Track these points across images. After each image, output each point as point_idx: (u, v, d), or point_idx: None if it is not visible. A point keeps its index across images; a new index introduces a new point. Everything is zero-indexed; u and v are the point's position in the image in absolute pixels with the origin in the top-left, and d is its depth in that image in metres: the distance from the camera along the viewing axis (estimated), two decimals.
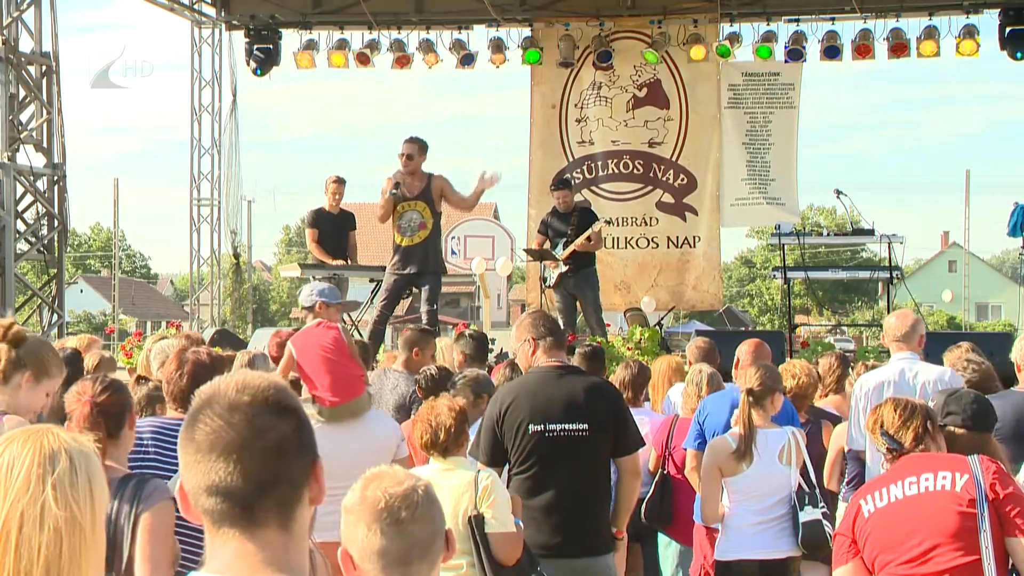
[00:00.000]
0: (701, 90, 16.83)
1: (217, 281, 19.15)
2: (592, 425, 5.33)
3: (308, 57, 17.31)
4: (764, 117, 16.69)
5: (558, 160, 17.11)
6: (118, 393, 4.08)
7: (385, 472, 2.63)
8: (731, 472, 5.80)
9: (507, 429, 5.42)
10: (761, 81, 16.71)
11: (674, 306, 17.52)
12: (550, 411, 5.35)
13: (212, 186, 18.62)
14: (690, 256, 16.87)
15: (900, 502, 4.07)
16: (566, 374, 5.47)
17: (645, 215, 16.83)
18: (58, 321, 15.42)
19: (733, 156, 16.71)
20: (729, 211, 16.80)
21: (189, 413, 2.04)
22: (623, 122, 16.96)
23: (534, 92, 17.36)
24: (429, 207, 11.34)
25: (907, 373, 6.30)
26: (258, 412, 2.00)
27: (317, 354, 6.21)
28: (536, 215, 17.00)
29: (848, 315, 58.22)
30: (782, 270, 13.78)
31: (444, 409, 5.17)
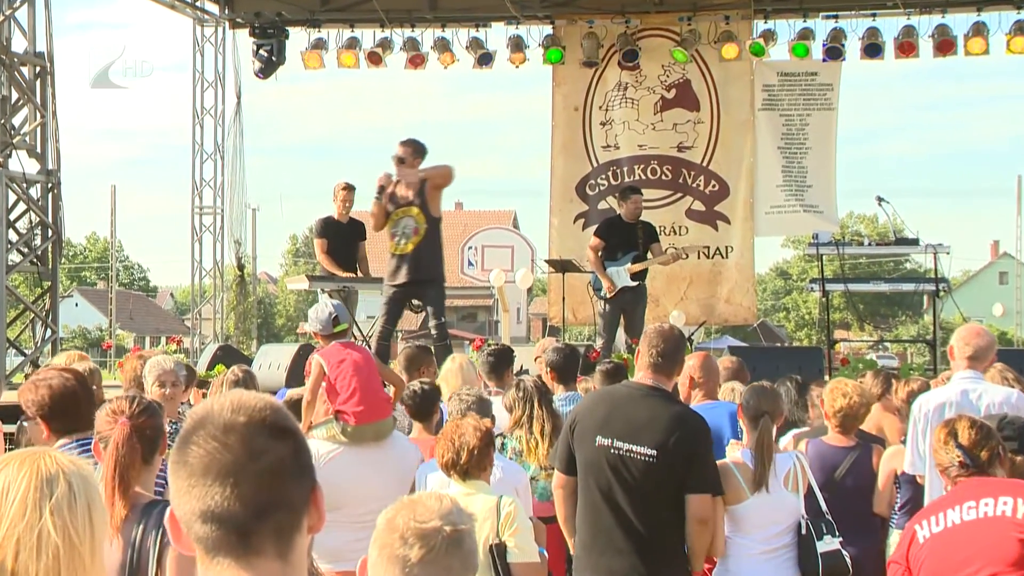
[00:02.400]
0: (733, 91, 16.82)
1: (220, 294, 19.20)
2: (662, 453, 5.26)
3: (316, 57, 17.37)
4: (801, 119, 16.67)
5: (581, 165, 17.12)
6: (155, 415, 4.06)
7: (419, 501, 2.61)
8: (735, 500, 5.76)
9: (577, 437, 5.46)
10: (797, 81, 16.69)
11: (705, 320, 17.50)
12: (622, 428, 5.34)
13: (215, 193, 18.68)
14: (722, 267, 16.84)
15: (957, 527, 4.05)
16: (653, 396, 5.43)
17: (674, 224, 16.82)
18: (52, 336, 15.46)
19: (768, 161, 16.69)
20: (763, 219, 16.77)
21: (180, 435, 2.03)
22: (650, 125, 16.96)
23: (556, 93, 17.38)
24: (423, 211, 10.98)
25: (970, 394, 6.23)
26: (255, 433, 1.99)
27: (349, 370, 6.26)
28: (559, 223, 17.04)
29: (891, 330, 58.03)
30: (820, 282, 13.74)
31: (469, 428, 5.17)
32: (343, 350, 6.40)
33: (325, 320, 6.54)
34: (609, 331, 13.13)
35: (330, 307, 6.60)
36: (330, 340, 6.54)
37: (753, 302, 17.35)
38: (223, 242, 18.83)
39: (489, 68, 17.21)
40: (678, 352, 5.56)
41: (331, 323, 6.51)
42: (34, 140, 15.26)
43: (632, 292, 13.01)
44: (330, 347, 6.57)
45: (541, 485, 6.64)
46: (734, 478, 5.72)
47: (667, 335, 5.53)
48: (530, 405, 6.72)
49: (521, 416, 6.74)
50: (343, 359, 6.33)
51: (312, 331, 6.81)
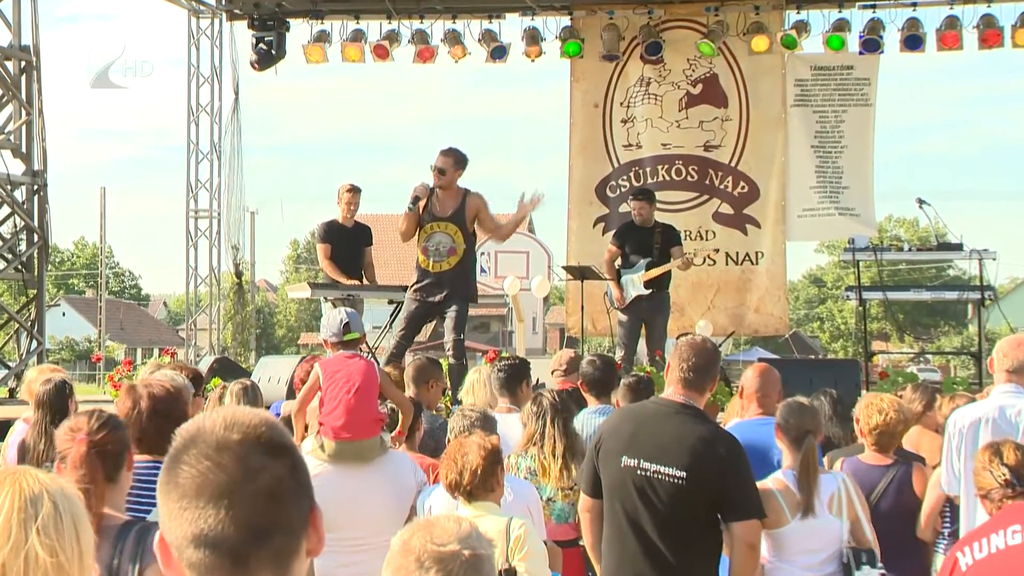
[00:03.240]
0: (764, 86, 16.80)
1: (216, 303, 19.23)
2: (692, 475, 5.23)
3: (319, 50, 17.39)
4: (836, 116, 16.64)
5: (601, 166, 17.12)
6: (116, 430, 4.06)
7: (437, 523, 2.61)
8: (776, 524, 5.75)
9: (602, 457, 5.46)
10: (832, 75, 16.66)
11: (734, 331, 17.48)
12: (649, 448, 5.32)
13: (211, 195, 18.71)
14: (752, 274, 16.81)
15: (1002, 553, 4.04)
16: (684, 413, 5.40)
17: (700, 228, 16.80)
18: (37, 348, 15.51)
19: (800, 161, 16.66)
20: (796, 223, 16.74)
21: (170, 454, 2.02)
22: (675, 123, 16.95)
23: (574, 89, 17.38)
24: (461, 230, 11.15)
25: (1008, 410, 6.19)
26: (250, 451, 1.99)
27: (341, 382, 6.27)
28: (577, 228, 17.03)
29: (933, 341, 57.86)
30: (857, 290, 13.72)
31: (474, 447, 5.17)
32: (344, 361, 6.42)
33: (336, 327, 6.57)
34: (628, 342, 13.18)
35: (344, 314, 6.63)
36: (338, 349, 6.57)
37: (785, 311, 17.30)
38: (220, 247, 18.88)
39: (503, 62, 17.19)
40: (711, 367, 5.52)
41: (342, 331, 6.53)
42: (19, 139, 15.31)
43: (649, 301, 13.03)
44: (333, 356, 6.60)
45: (558, 506, 6.64)
46: (775, 500, 5.71)
47: (699, 348, 5.51)
48: (543, 422, 6.72)
49: (534, 433, 6.75)
50: (339, 369, 6.35)
51: (322, 338, 6.85)
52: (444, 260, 11.14)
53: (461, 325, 11.25)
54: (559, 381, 8.78)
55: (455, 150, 11.36)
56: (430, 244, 11.17)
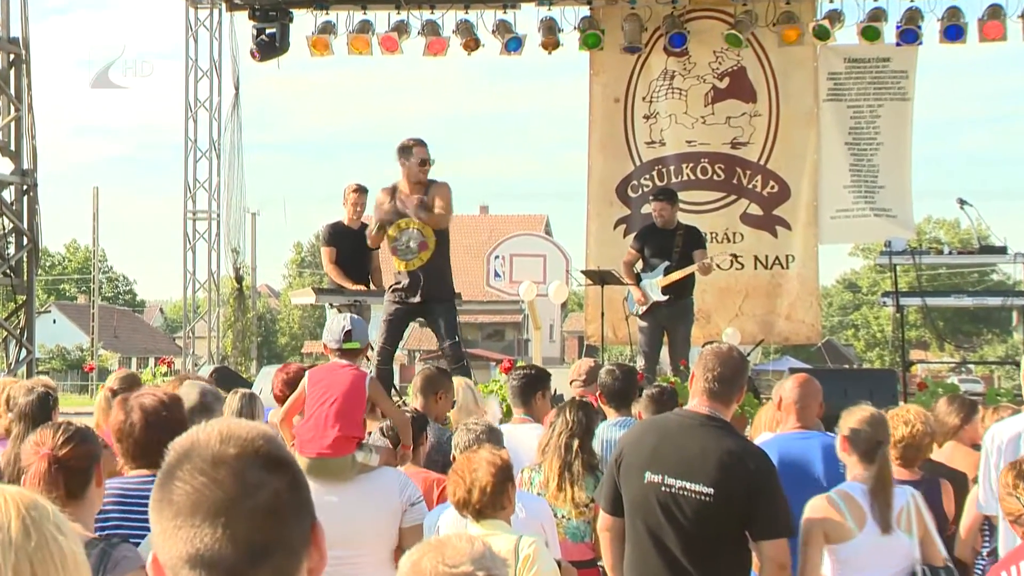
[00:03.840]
0: (795, 80, 16.79)
1: (215, 309, 19.27)
2: (720, 492, 5.22)
3: (324, 42, 17.40)
4: (871, 111, 16.62)
5: (622, 164, 17.11)
6: (83, 444, 4.06)
7: (449, 543, 2.61)
8: (839, 538, 5.71)
9: (624, 473, 5.45)
10: (868, 68, 16.64)
11: (763, 339, 17.45)
12: (674, 463, 5.31)
13: (210, 196, 18.74)
14: (782, 279, 16.80)
15: None
16: (709, 426, 5.38)
17: (728, 230, 16.79)
18: (27, 357, 15.54)
19: (834, 158, 16.64)
20: (829, 225, 16.72)
21: (163, 470, 2.02)
22: (700, 119, 16.95)
23: (593, 83, 17.38)
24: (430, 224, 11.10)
25: None
26: (247, 466, 1.99)
27: (319, 392, 6.28)
28: (597, 229, 17.03)
29: (975, 350, 57.70)
30: (894, 296, 13.69)
31: (483, 463, 5.17)
32: (333, 370, 6.41)
33: (338, 333, 6.57)
34: (649, 351, 13.20)
35: (348, 322, 6.61)
36: (337, 356, 6.57)
37: (817, 318, 17.28)
38: (219, 251, 18.91)
39: (518, 55, 17.19)
40: (738, 377, 5.51)
41: (342, 338, 6.53)
42: (7, 136, 15.35)
43: (668, 308, 13.04)
44: (323, 364, 6.62)
45: (572, 524, 6.64)
46: (837, 513, 5.68)
47: (725, 357, 5.50)
48: (560, 435, 6.71)
49: (546, 444, 6.75)
50: (323, 380, 6.35)
51: (323, 342, 6.85)
52: (416, 256, 11.08)
53: (452, 328, 11.22)
54: (578, 392, 8.77)
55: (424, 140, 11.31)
56: (399, 244, 11.12)
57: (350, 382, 6.29)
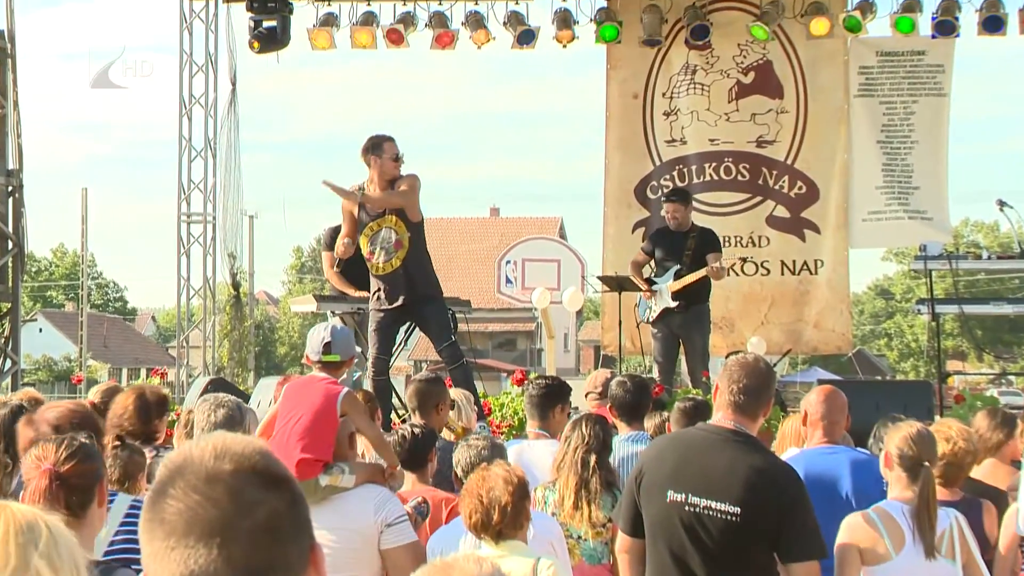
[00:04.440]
0: (824, 74, 16.78)
1: (211, 317, 19.28)
2: (748, 511, 5.20)
3: (326, 35, 17.40)
4: (905, 108, 16.61)
5: (642, 163, 17.12)
6: (87, 461, 4.07)
7: (456, 566, 2.60)
8: (875, 560, 5.70)
9: (644, 491, 5.43)
10: (901, 62, 16.63)
11: (790, 349, 17.45)
12: (698, 480, 5.29)
13: (205, 197, 18.75)
14: (811, 285, 16.78)
15: None
16: (736, 441, 5.37)
17: (753, 233, 16.78)
18: (12, 368, 15.56)
19: (865, 158, 16.63)
20: (860, 228, 16.71)
21: (154, 487, 2.02)
22: (724, 116, 16.95)
23: (611, 78, 17.39)
24: (402, 219, 10.99)
25: None
26: (244, 483, 1.99)
27: (288, 412, 6.27)
28: (615, 233, 17.03)
29: (1016, 361, 57.60)
30: (929, 303, 13.67)
31: (499, 482, 5.17)
32: (306, 385, 6.39)
33: (316, 345, 6.54)
34: (663, 361, 13.21)
35: (327, 332, 6.56)
36: (318, 369, 6.54)
37: (848, 327, 17.27)
38: (215, 255, 18.91)
39: (531, 48, 17.17)
40: (765, 389, 5.49)
41: (321, 349, 6.50)
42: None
43: (681, 315, 13.03)
44: (299, 379, 6.61)
45: (589, 546, 6.63)
46: (874, 532, 5.66)
47: (751, 368, 5.48)
48: (576, 451, 6.70)
49: (561, 460, 6.74)
50: (294, 394, 6.33)
51: (305, 355, 6.82)
52: (393, 256, 11.06)
53: (445, 328, 11.20)
54: (594, 405, 8.75)
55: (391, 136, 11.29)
56: (375, 246, 11.10)
57: (321, 398, 6.23)
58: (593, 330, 61.47)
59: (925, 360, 65.00)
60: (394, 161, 10.98)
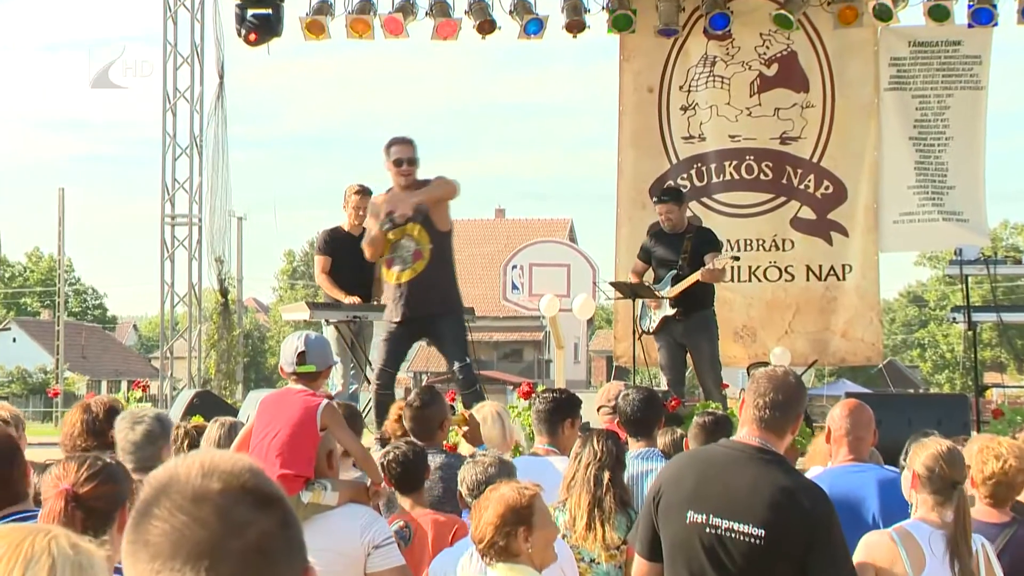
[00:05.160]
0: (853, 66, 16.77)
1: (197, 326, 19.30)
2: (773, 534, 5.18)
3: (320, 25, 17.38)
4: (939, 102, 16.60)
5: (657, 161, 17.11)
6: (108, 482, 4.08)
7: None
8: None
9: (663, 512, 5.42)
10: (936, 52, 16.62)
11: (816, 360, 17.44)
12: (720, 501, 5.28)
13: (191, 198, 18.76)
14: (838, 291, 16.77)
15: None
16: (760, 460, 5.35)
17: (776, 236, 16.78)
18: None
19: (897, 155, 16.62)
20: (891, 230, 16.70)
21: (138, 507, 2.02)
22: (745, 110, 16.94)
23: (624, 70, 17.39)
24: (426, 229, 11.10)
25: None
26: (233, 503, 1.99)
27: (264, 427, 6.28)
28: (628, 235, 17.00)
29: None
30: (965, 311, 13.67)
31: (492, 501, 5.21)
32: (283, 398, 6.41)
33: (290, 355, 6.55)
34: (671, 374, 13.20)
35: (301, 341, 6.56)
36: (294, 381, 6.55)
37: (878, 336, 17.25)
38: (201, 260, 18.93)
39: (539, 39, 17.13)
40: (794, 404, 5.48)
41: (295, 360, 6.50)
42: None
43: (682, 324, 13.03)
44: (275, 392, 6.62)
45: (603, 570, 6.64)
46: (894, 553, 5.67)
47: (780, 382, 5.46)
48: (588, 467, 6.72)
49: (572, 478, 6.75)
50: (270, 408, 6.35)
51: (279, 365, 6.83)
52: (409, 267, 11.09)
53: (461, 348, 11.21)
54: (606, 420, 8.76)
55: (412, 139, 11.38)
56: (395, 255, 11.14)
57: (300, 411, 6.25)
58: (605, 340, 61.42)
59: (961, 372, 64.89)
60: (396, 166, 11.06)
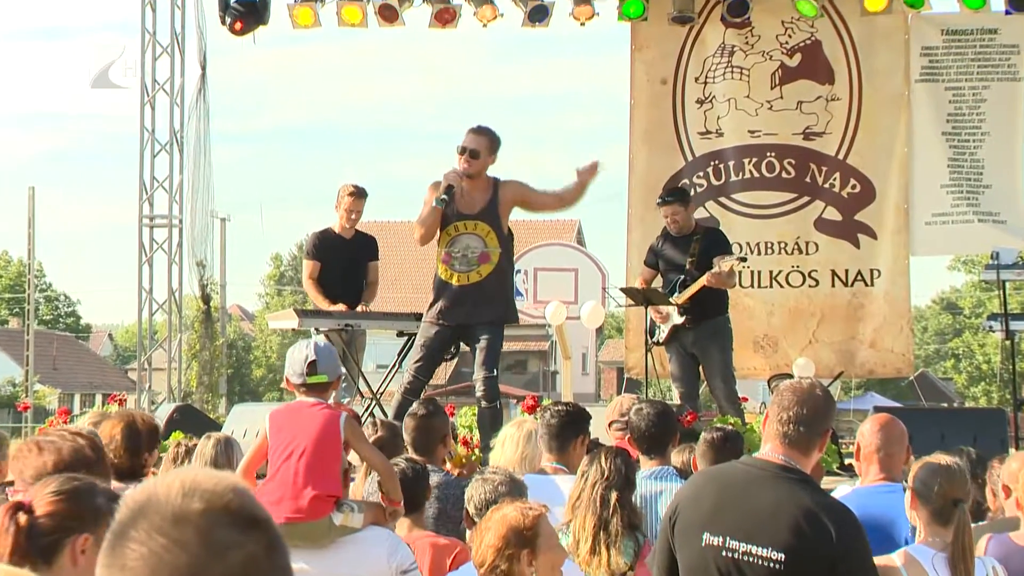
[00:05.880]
0: (881, 56, 16.77)
1: (177, 335, 19.32)
2: (794, 558, 5.17)
3: (309, 12, 17.37)
4: (975, 94, 16.59)
5: (671, 158, 17.10)
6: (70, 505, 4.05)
7: None
8: None
9: (679, 534, 5.42)
10: (970, 41, 16.61)
11: (842, 371, 17.42)
12: (739, 522, 5.27)
13: (171, 198, 18.78)
14: (866, 298, 16.77)
15: None
16: (783, 478, 5.33)
17: (799, 239, 16.77)
18: None
19: (929, 152, 16.61)
20: (923, 232, 16.69)
21: (113, 529, 2.02)
22: (766, 104, 16.94)
23: (636, 61, 17.39)
24: (495, 231, 11.14)
25: None
26: (216, 525, 1.99)
27: (284, 441, 6.28)
28: (640, 238, 16.98)
29: None
30: (1002, 318, 13.67)
31: (495, 523, 5.22)
32: (298, 412, 6.41)
33: (299, 364, 6.54)
34: (683, 387, 13.18)
35: (311, 349, 6.57)
36: (303, 393, 6.54)
37: (909, 346, 17.22)
38: (181, 264, 18.94)
39: (544, 26, 17.13)
40: (820, 419, 5.44)
41: (306, 370, 6.50)
42: None
43: (692, 332, 13.03)
44: (286, 405, 6.62)
45: None
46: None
47: (805, 395, 5.43)
48: (595, 487, 6.72)
49: (577, 497, 6.76)
50: (286, 425, 6.34)
51: (285, 377, 6.82)
52: (474, 269, 11.09)
53: (494, 358, 11.21)
54: (618, 436, 8.75)
55: (489, 129, 11.37)
56: (454, 250, 11.12)
57: (321, 426, 6.26)
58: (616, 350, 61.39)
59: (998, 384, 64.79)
60: (461, 154, 11.12)
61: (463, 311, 11.10)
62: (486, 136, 11.28)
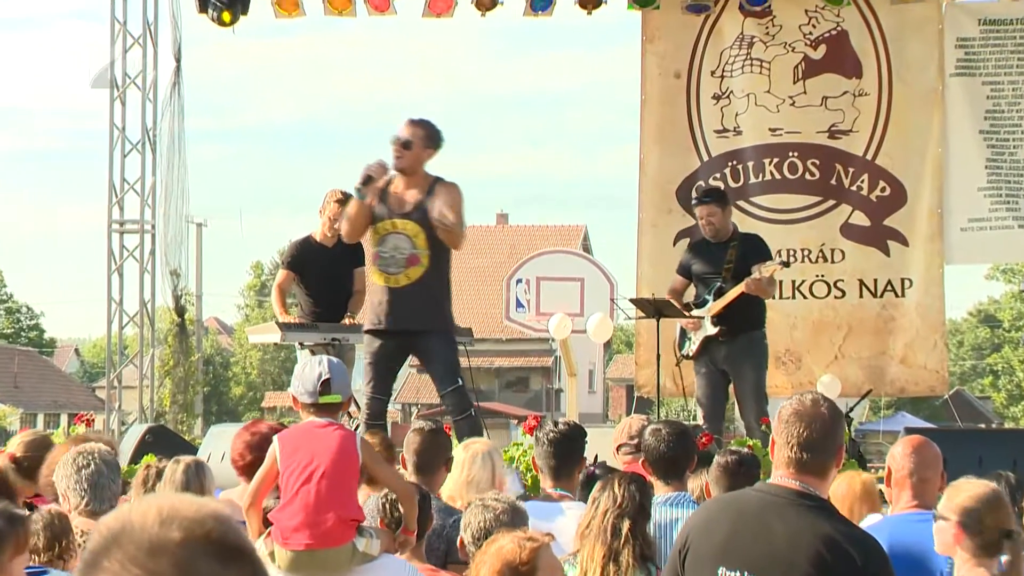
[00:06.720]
0: (913, 48, 16.78)
1: (149, 350, 19.32)
2: None
3: (293, 0, 17.41)
4: (1015, 89, 16.60)
5: (686, 158, 17.11)
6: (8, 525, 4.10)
7: None
8: None
9: (690, 567, 5.43)
10: (1010, 32, 16.63)
11: (871, 389, 17.43)
12: (756, 555, 5.28)
13: (143, 201, 18.76)
14: (896, 310, 16.77)
15: None
16: (801, 506, 5.32)
17: (824, 246, 16.78)
18: None
19: (964, 152, 16.61)
20: (959, 239, 16.69)
21: (84, 559, 2.03)
22: (789, 99, 16.95)
23: (647, 53, 17.40)
24: (424, 231, 11.01)
25: None
26: (195, 555, 2.00)
27: (302, 464, 6.29)
28: (651, 244, 17.02)
29: None
30: None
31: (491, 557, 5.23)
32: (312, 433, 6.43)
33: (311, 383, 6.55)
34: (708, 404, 13.15)
35: (324, 367, 6.58)
36: (311, 414, 6.56)
37: (943, 362, 17.23)
38: (154, 273, 18.93)
39: (547, 16, 17.16)
40: (830, 437, 5.42)
41: (319, 390, 6.51)
42: None
43: (726, 346, 13.00)
44: (297, 426, 6.63)
45: None
46: None
47: (810, 416, 5.40)
48: (606, 515, 6.72)
49: (587, 526, 6.76)
50: (302, 447, 6.36)
51: (292, 393, 6.82)
52: (402, 272, 11.01)
53: (451, 370, 11.17)
54: (626, 460, 8.75)
55: (428, 121, 11.28)
56: (383, 250, 11.04)
57: (337, 447, 6.30)
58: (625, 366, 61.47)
59: None
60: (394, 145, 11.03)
61: (398, 316, 11.01)
62: (422, 128, 11.17)
